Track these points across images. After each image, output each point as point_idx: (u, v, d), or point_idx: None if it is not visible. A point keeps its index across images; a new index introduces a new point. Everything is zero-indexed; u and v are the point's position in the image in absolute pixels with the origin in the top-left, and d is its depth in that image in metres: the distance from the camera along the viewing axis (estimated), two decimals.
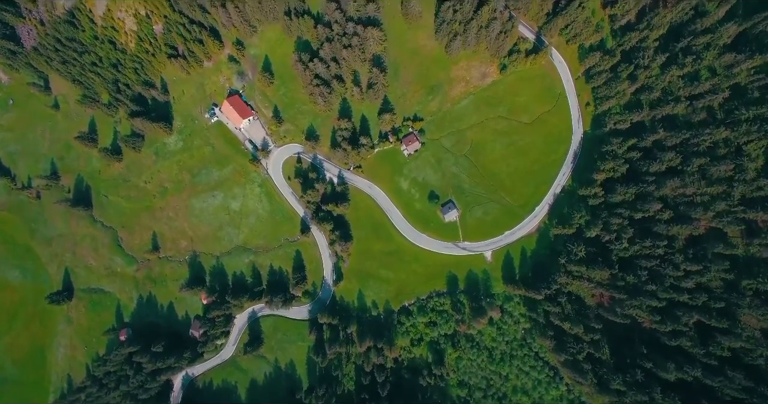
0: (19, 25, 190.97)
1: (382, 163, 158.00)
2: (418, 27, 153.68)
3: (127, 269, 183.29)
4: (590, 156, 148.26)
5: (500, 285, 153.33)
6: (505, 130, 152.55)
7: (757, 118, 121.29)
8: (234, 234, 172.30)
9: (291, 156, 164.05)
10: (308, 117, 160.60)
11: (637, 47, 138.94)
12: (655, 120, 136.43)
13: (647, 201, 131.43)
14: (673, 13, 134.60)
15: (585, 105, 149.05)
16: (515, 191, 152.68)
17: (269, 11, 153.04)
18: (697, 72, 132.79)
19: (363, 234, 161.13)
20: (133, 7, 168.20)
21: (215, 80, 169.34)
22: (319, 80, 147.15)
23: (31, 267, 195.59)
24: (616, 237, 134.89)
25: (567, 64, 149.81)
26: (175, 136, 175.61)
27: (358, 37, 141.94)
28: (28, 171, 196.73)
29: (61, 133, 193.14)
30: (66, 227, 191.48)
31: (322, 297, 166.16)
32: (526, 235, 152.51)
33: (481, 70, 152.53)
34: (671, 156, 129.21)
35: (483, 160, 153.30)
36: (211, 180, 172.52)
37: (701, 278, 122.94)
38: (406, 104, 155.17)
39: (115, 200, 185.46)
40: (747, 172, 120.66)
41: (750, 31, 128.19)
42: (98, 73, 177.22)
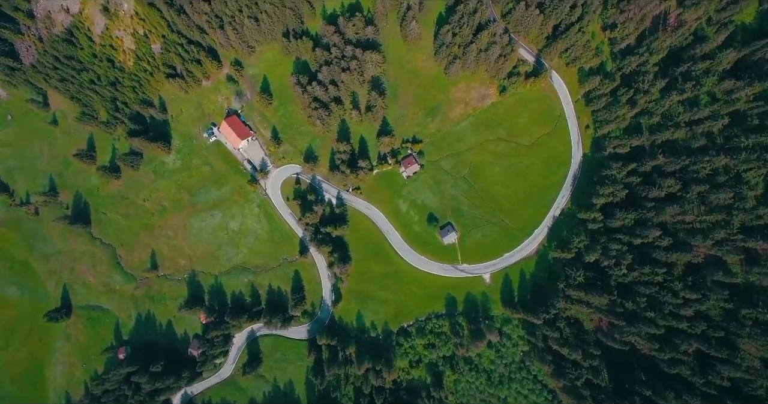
0: (18, 42, 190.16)
1: (381, 185, 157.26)
2: (417, 48, 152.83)
3: (126, 287, 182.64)
4: (590, 179, 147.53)
5: (499, 307, 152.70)
6: (505, 152, 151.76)
7: (756, 146, 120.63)
8: (233, 253, 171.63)
9: (290, 176, 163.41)
10: (307, 138, 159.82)
11: (636, 71, 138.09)
12: (655, 145, 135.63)
13: (646, 227, 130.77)
14: (672, 37, 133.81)
15: (585, 127, 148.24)
16: (514, 213, 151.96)
17: (267, 32, 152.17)
18: (696, 97, 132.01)
19: (362, 255, 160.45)
20: (132, 26, 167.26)
21: (213, 99, 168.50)
22: (317, 103, 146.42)
23: (30, 284, 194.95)
24: (615, 262, 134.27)
25: (567, 86, 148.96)
26: (174, 154, 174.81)
27: (356, 61, 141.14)
28: (26, 187, 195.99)
29: (60, 149, 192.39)
30: (64, 244, 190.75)
31: (321, 317, 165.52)
32: (525, 258, 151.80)
33: (481, 92, 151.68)
34: (671, 182, 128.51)
35: (482, 182, 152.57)
36: (210, 199, 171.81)
37: (700, 306, 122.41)
38: (405, 126, 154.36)
39: (114, 217, 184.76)
40: (746, 201, 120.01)
41: (749, 57, 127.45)
42: (96, 91, 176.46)
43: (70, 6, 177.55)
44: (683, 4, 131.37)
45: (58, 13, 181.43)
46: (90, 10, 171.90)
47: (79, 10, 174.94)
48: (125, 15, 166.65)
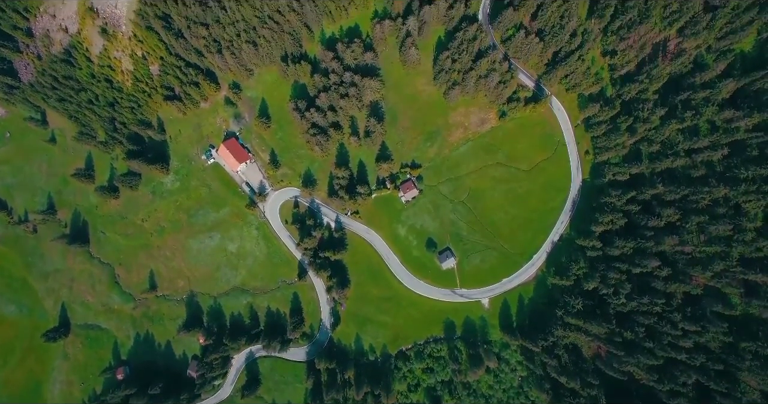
0: (16, 60, 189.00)
1: (379, 209, 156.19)
2: (416, 73, 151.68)
3: (125, 307, 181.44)
4: (589, 205, 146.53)
5: (497, 332, 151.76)
6: (504, 177, 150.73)
7: (756, 178, 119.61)
8: (231, 275, 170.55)
9: (288, 199, 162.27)
10: (305, 161, 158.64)
11: (636, 98, 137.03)
12: (655, 173, 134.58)
13: (645, 256, 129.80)
14: (672, 65, 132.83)
15: (584, 153, 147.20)
16: (513, 239, 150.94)
17: (266, 56, 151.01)
18: (696, 126, 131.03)
19: (361, 278, 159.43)
20: (130, 47, 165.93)
21: (212, 121, 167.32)
22: (316, 129, 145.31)
23: (28, 302, 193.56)
24: (614, 291, 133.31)
25: (566, 111, 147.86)
26: (172, 175, 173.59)
27: (355, 88, 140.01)
28: (24, 204, 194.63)
29: (58, 167, 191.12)
30: (63, 262, 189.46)
31: (319, 339, 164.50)
32: (524, 283, 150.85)
33: (480, 116, 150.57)
34: (670, 212, 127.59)
35: (481, 207, 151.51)
36: (208, 221, 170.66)
37: (700, 338, 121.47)
38: (404, 150, 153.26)
39: (113, 237, 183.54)
40: (746, 233, 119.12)
41: (748, 87, 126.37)
42: (95, 111, 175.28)
43: (68, 26, 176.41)
44: (683, 33, 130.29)
45: (57, 33, 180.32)
46: (88, 30, 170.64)
47: (78, 30, 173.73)
48: (123, 36, 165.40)
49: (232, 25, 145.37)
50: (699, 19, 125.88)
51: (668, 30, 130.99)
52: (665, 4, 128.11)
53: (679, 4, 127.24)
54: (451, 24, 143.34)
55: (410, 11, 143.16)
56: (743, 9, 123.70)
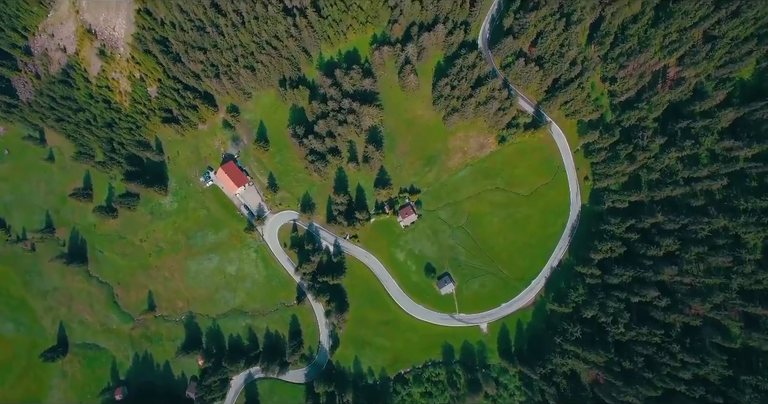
0: (15, 78, 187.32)
1: (378, 233, 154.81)
2: (415, 97, 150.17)
3: (123, 326, 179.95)
4: (588, 230, 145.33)
5: (496, 356, 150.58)
6: (503, 202, 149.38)
7: (756, 210, 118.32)
8: (230, 297, 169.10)
9: (287, 222, 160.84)
10: (304, 185, 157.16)
11: (636, 126, 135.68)
12: (654, 201, 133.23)
13: (645, 285, 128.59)
14: (672, 93, 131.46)
15: (584, 179, 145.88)
16: (512, 264, 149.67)
17: (264, 80, 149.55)
18: (696, 155, 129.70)
19: (359, 302, 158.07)
20: (128, 69, 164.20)
21: (210, 143, 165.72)
22: (314, 155, 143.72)
23: (26, 321, 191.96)
24: (613, 320, 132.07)
25: (566, 136, 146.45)
26: (170, 197, 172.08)
27: (354, 114, 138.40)
28: (22, 222, 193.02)
29: (56, 185, 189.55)
30: (61, 281, 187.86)
31: (318, 361, 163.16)
32: (523, 308, 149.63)
33: (479, 141, 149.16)
34: (669, 241, 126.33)
35: (480, 232, 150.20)
36: (207, 243, 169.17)
37: (699, 370, 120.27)
38: (402, 175, 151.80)
39: (111, 256, 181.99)
40: (745, 265, 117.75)
41: (748, 116, 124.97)
42: (92, 131, 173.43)
43: (66, 46, 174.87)
44: (683, 62, 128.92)
45: (55, 52, 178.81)
46: (86, 51, 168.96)
47: (76, 50, 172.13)
48: (121, 58, 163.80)
49: (229, 50, 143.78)
50: (698, 48, 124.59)
51: (668, 58, 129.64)
52: (665, 34, 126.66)
53: (678, 34, 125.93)
54: (451, 50, 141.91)
55: (409, 37, 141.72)
56: (742, 39, 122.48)
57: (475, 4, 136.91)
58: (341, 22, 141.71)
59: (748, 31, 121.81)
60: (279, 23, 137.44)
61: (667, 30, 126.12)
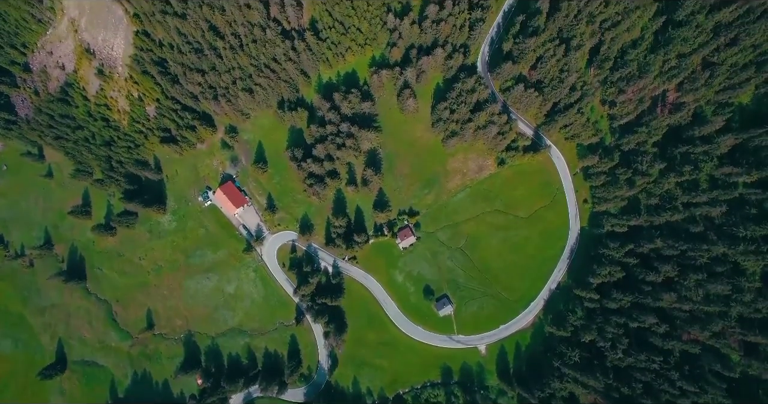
0: (14, 95, 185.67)
1: (377, 255, 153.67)
2: (414, 119, 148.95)
3: (122, 344, 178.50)
4: (587, 252, 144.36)
5: (494, 378, 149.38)
6: (502, 224, 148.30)
7: (755, 238, 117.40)
8: (229, 316, 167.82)
9: (285, 243, 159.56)
10: (303, 206, 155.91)
11: (635, 150, 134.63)
12: (653, 226, 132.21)
13: (643, 311, 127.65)
14: (671, 118, 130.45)
15: (583, 201, 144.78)
16: (511, 286, 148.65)
17: (262, 101, 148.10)
18: (695, 180, 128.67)
19: (358, 322, 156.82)
20: (126, 88, 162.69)
21: (208, 163, 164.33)
22: (313, 179, 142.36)
23: (24, 337, 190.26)
24: (611, 345, 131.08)
25: (565, 159, 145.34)
26: (169, 215, 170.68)
27: (352, 138, 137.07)
28: (21, 238, 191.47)
29: (55, 201, 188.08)
30: (60, 297, 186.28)
31: (317, 380, 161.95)
32: (521, 330, 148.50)
33: (478, 163, 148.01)
34: (668, 268, 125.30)
35: (479, 254, 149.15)
36: (206, 262, 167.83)
37: (698, 398, 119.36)
38: (401, 197, 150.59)
39: (110, 274, 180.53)
40: (745, 294, 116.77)
41: (747, 142, 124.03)
42: (91, 150, 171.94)
43: (65, 63, 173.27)
44: (682, 88, 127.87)
45: (54, 69, 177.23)
46: (85, 70, 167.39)
47: (74, 68, 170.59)
48: (119, 77, 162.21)
49: (227, 73, 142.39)
50: (697, 75, 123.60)
51: (667, 84, 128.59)
52: (664, 59, 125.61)
53: (677, 60, 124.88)
54: (450, 73, 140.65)
55: (408, 59, 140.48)
56: (740, 67, 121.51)
57: (474, 28, 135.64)
58: (340, 45, 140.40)
59: (746, 58, 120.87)
60: (277, 46, 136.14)
61: (666, 56, 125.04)
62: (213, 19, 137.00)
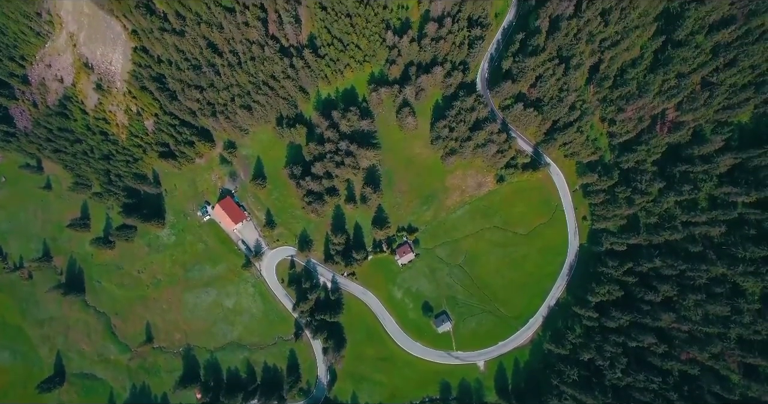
0: (12, 107, 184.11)
1: (376, 271, 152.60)
2: (413, 136, 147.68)
3: (121, 357, 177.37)
4: (586, 269, 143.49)
5: (493, 394, 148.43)
6: (501, 240, 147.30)
7: (754, 260, 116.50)
8: (228, 330, 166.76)
9: (284, 258, 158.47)
10: (301, 222, 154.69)
11: (635, 168, 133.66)
12: (653, 245, 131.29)
13: (642, 331, 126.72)
14: (671, 137, 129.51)
15: (582, 218, 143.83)
16: (509, 302, 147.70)
17: (260, 118, 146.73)
18: (695, 200, 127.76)
19: (357, 338, 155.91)
20: (125, 103, 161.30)
21: (207, 178, 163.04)
22: (311, 196, 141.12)
23: (22, 349, 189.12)
24: (610, 364, 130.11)
25: (564, 176, 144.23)
26: (168, 229, 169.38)
27: (351, 157, 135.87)
28: (20, 250, 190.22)
29: (54, 213, 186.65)
30: (58, 310, 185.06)
31: (316, 395, 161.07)
32: (520, 346, 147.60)
33: (478, 180, 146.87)
34: (667, 288, 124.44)
35: (477, 270, 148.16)
36: (204, 276, 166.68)
37: None
38: (400, 213, 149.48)
39: (108, 287, 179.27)
40: (744, 315, 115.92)
41: (746, 163, 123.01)
42: (89, 163, 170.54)
43: (64, 77, 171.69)
44: (681, 107, 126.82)
45: (52, 82, 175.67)
46: (83, 84, 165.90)
47: (73, 82, 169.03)
48: (118, 92, 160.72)
49: (226, 90, 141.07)
50: (697, 95, 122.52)
51: (666, 103, 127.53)
52: (663, 79, 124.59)
53: (677, 80, 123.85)
54: (449, 90, 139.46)
55: (407, 76, 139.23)
56: (740, 87, 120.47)
57: (473, 46, 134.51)
58: (338, 61, 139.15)
59: (745, 78, 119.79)
60: (275, 64, 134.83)
61: (665, 75, 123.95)
62: (211, 36, 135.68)
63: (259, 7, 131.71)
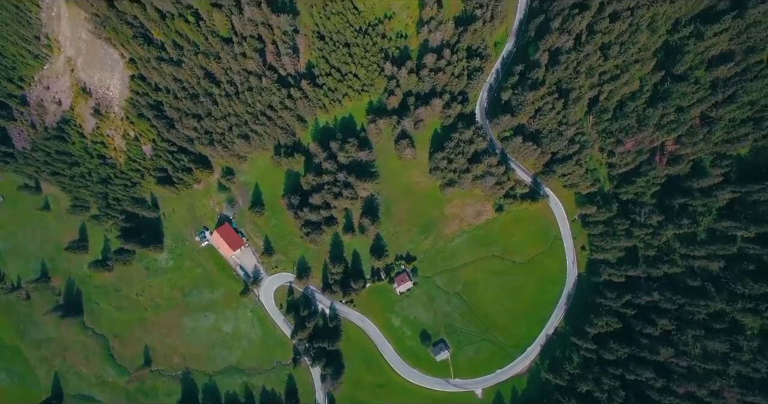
0: (11, 127, 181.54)
1: (374, 298, 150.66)
2: (412, 164, 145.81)
3: (119, 380, 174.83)
4: (584, 299, 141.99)
5: None
6: (499, 269, 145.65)
7: (753, 296, 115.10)
8: (226, 354, 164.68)
9: (283, 284, 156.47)
10: (300, 249, 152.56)
11: (634, 200, 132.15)
12: (651, 278, 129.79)
13: (640, 364, 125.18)
14: (670, 169, 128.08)
15: (581, 248, 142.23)
16: (507, 331, 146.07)
17: (258, 146, 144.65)
18: (694, 233, 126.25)
19: (355, 363, 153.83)
20: (122, 128, 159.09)
21: (205, 203, 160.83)
22: (310, 227, 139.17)
23: (19, 370, 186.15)
24: (608, 397, 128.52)
25: (563, 205, 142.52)
26: (166, 254, 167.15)
27: (350, 189, 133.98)
28: (17, 271, 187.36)
29: (52, 233, 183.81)
30: (56, 331, 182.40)
31: None
32: (518, 375, 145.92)
33: (476, 209, 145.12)
34: (665, 322, 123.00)
35: (476, 299, 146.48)
36: (203, 300, 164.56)
37: None
38: (398, 242, 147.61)
39: (107, 309, 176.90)
40: (743, 353, 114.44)
41: (745, 197, 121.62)
42: (88, 187, 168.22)
43: (62, 99, 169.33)
44: (680, 141, 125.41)
45: (51, 104, 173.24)
46: (81, 108, 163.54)
47: (71, 105, 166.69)
48: (116, 117, 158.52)
49: (223, 119, 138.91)
50: (696, 130, 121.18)
51: (666, 137, 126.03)
52: (663, 114, 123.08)
53: (676, 114, 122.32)
54: (448, 120, 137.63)
55: (406, 106, 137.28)
56: (738, 122, 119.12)
57: (472, 77, 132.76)
58: (336, 91, 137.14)
59: (744, 114, 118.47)
60: (273, 95, 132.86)
61: (665, 110, 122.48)
62: (209, 66, 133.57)
63: (257, 38, 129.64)
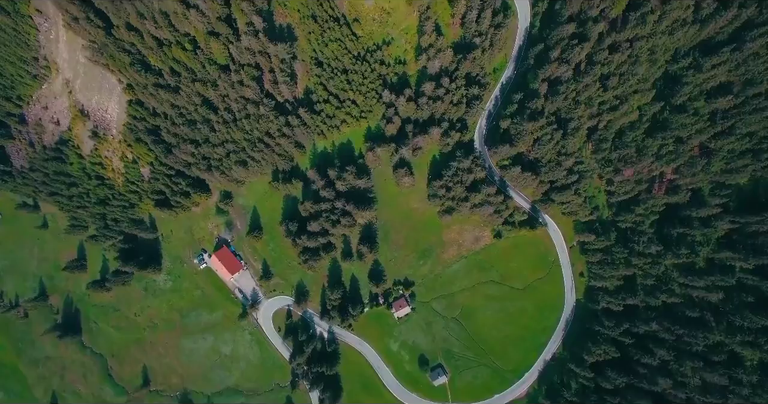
0: (9, 146, 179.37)
1: (372, 323, 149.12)
2: (410, 190, 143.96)
3: (117, 400, 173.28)
4: (582, 326, 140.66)
5: None
6: (497, 294, 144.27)
7: (752, 329, 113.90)
8: (225, 376, 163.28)
9: (281, 307, 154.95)
10: (298, 273, 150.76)
11: (633, 229, 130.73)
12: (650, 307, 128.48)
13: (638, 395, 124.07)
14: (668, 198, 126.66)
15: (579, 274, 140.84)
16: (505, 356, 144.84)
17: (256, 171, 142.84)
18: (693, 263, 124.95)
19: (353, 387, 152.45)
20: (120, 150, 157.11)
21: (203, 226, 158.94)
22: (308, 253, 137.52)
23: (17, 389, 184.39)
24: None
25: (562, 232, 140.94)
26: (164, 275, 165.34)
27: (348, 217, 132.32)
28: (15, 289, 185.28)
29: (50, 252, 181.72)
30: (54, 350, 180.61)
31: None
32: (515, 399, 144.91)
33: (475, 234, 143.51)
34: (663, 353, 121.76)
35: (473, 324, 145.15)
36: (201, 322, 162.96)
37: None
38: (396, 267, 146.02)
39: (105, 328, 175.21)
40: (743, 387, 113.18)
41: (744, 227, 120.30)
42: (86, 207, 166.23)
43: (60, 119, 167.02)
44: (679, 171, 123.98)
45: (49, 123, 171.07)
46: (79, 130, 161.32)
47: (69, 126, 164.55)
48: (114, 140, 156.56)
49: (221, 146, 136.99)
50: (695, 161, 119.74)
51: (665, 167, 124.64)
52: (662, 144, 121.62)
53: (675, 145, 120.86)
54: (447, 148, 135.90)
55: (404, 133, 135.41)
56: (737, 154, 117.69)
57: (471, 105, 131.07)
58: (334, 118, 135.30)
59: (743, 146, 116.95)
60: (271, 122, 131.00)
61: (664, 140, 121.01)
62: (206, 93, 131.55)
63: (254, 66, 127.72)
